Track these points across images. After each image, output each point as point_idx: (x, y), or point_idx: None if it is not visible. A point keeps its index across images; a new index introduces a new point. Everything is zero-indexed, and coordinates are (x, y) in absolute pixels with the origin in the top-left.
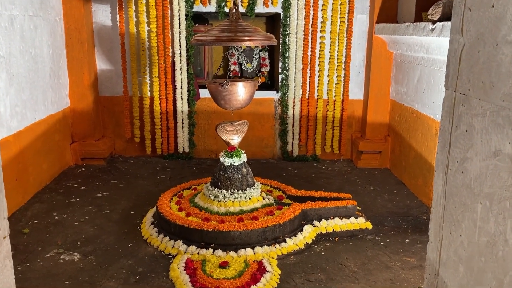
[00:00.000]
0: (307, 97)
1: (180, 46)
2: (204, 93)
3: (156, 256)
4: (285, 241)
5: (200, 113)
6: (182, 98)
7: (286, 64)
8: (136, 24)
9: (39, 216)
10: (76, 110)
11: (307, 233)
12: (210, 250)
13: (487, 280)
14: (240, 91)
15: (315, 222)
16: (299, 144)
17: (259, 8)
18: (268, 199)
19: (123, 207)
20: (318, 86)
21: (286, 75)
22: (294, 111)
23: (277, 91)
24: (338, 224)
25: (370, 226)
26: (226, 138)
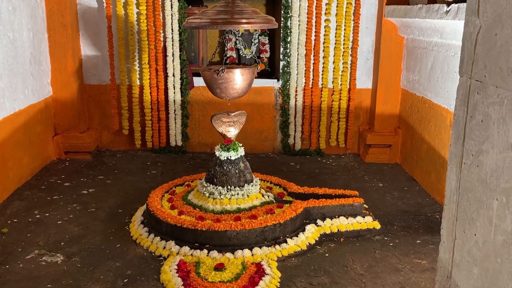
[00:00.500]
0: (310, 86)
1: (172, 30)
2: (198, 81)
3: (146, 258)
4: (286, 241)
5: (194, 103)
6: (174, 87)
7: (288, 50)
8: (124, 5)
9: (19, 214)
10: (59, 99)
11: (310, 233)
12: (205, 251)
13: (503, 282)
14: (238, 79)
15: (319, 221)
16: (302, 137)
17: None
18: (268, 196)
19: (111, 205)
20: (322, 74)
21: (288, 62)
22: (296, 101)
23: (278, 80)
24: (343, 223)
25: (378, 226)
26: (222, 130)
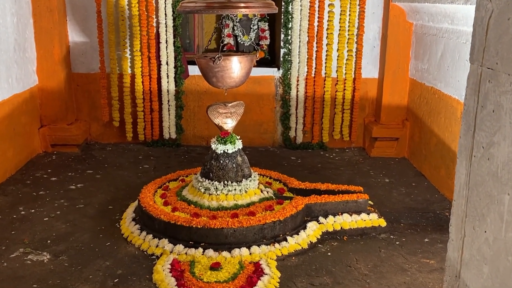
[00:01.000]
0: (313, 75)
1: (165, 15)
2: (193, 70)
3: (137, 257)
4: (286, 239)
5: (188, 93)
6: (168, 76)
7: (289, 37)
8: None
9: (3, 210)
10: (45, 89)
11: (311, 231)
12: (200, 250)
13: None
14: (235, 67)
15: (321, 219)
16: (304, 130)
17: None
18: (267, 192)
19: (100, 201)
20: (326, 63)
21: (289, 50)
22: (298, 91)
23: (278, 68)
24: (347, 220)
25: (384, 223)
26: (218, 122)
